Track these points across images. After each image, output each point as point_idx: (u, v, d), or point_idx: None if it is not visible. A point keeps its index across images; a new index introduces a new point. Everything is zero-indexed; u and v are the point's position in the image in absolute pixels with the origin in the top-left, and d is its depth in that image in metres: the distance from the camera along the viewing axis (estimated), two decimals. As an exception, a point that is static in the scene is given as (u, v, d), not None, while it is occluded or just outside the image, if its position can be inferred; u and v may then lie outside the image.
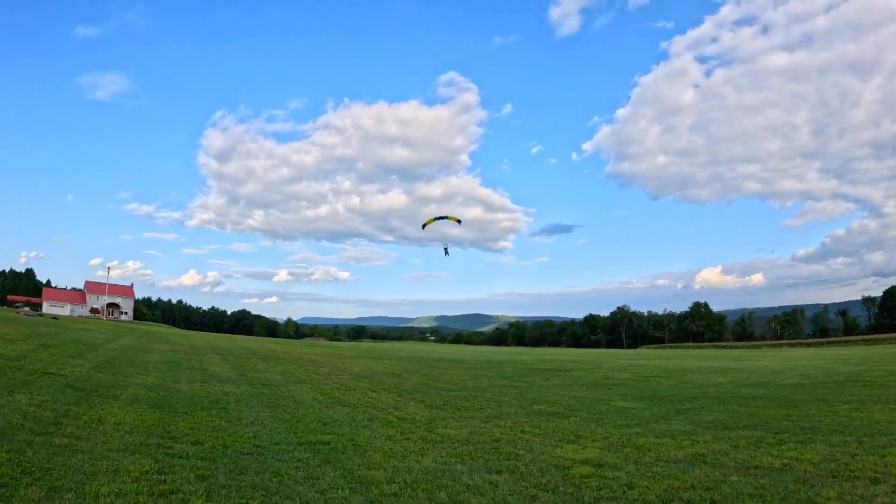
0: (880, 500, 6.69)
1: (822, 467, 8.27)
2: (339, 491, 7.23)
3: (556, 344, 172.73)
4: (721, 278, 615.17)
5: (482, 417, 14.23)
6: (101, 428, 9.90)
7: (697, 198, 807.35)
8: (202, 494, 6.68)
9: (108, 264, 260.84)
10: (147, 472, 7.35)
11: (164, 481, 7.04)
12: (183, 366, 23.57)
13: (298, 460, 8.84)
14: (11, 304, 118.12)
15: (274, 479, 7.63)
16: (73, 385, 14.45)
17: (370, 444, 10.40)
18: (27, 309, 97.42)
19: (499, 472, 8.41)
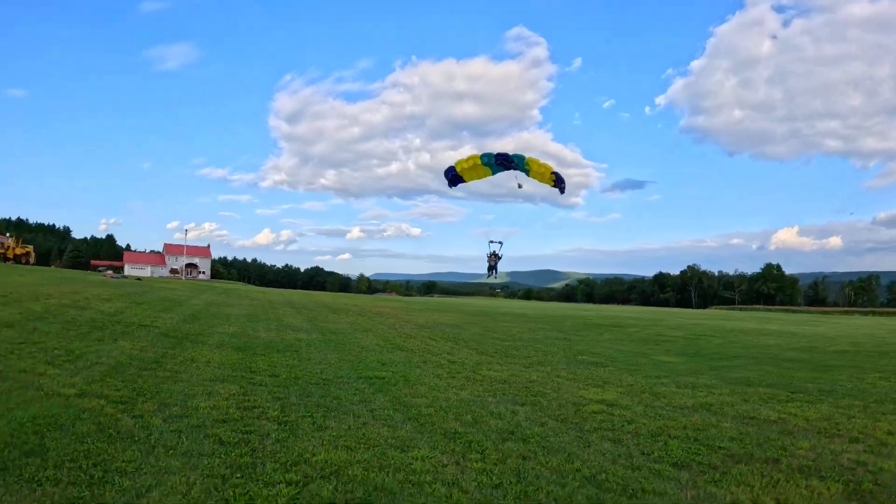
0: (848, 456, 7.19)
1: (814, 424, 8.88)
2: (386, 411, 8.72)
3: (625, 302, 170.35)
4: (797, 240, 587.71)
5: (525, 363, 15.49)
6: (194, 365, 11.78)
7: (774, 155, 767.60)
8: (277, 409, 8.31)
9: (185, 227, 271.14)
10: (234, 394, 9.09)
11: (248, 400, 8.75)
12: (260, 317, 25.66)
13: (356, 389, 10.39)
14: (95, 269, 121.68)
15: (334, 401, 9.19)
16: (167, 334, 16.50)
17: (419, 380, 11.86)
18: (111, 272, 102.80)
19: (522, 405, 9.68)
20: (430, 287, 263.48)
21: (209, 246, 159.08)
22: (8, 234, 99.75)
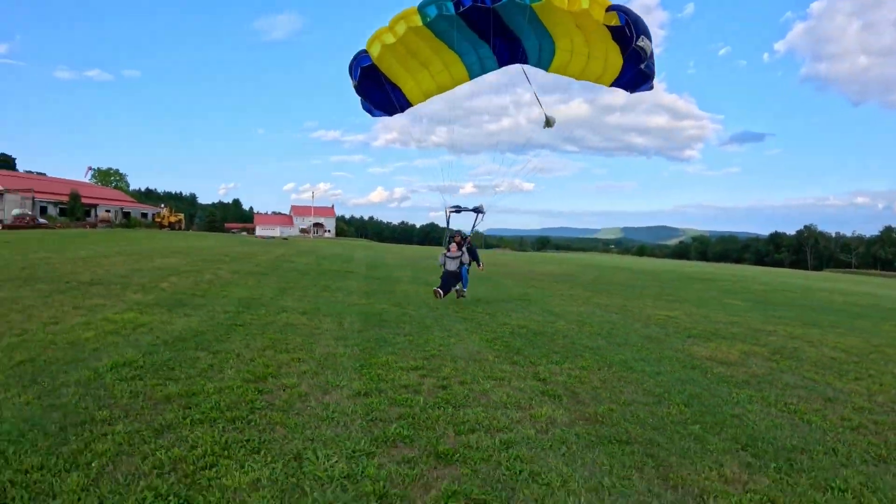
0: (828, 382, 9.09)
1: (823, 352, 11.67)
2: (535, 313, 15.61)
3: (738, 261, 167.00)
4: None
5: (625, 298, 21.83)
6: (347, 284, 19.89)
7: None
8: (481, 310, 15.43)
9: (301, 187, 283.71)
10: (363, 302, 16.24)
11: (372, 304, 15.95)
12: (420, 265, 33.34)
13: (509, 303, 17.43)
14: (229, 231, 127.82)
15: (504, 306, 16.26)
16: (370, 276, 24.35)
17: (550, 302, 18.69)
18: (245, 233, 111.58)
19: (616, 314, 16.29)
20: (543, 242, 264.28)
21: (333, 206, 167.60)
22: (162, 205, 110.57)
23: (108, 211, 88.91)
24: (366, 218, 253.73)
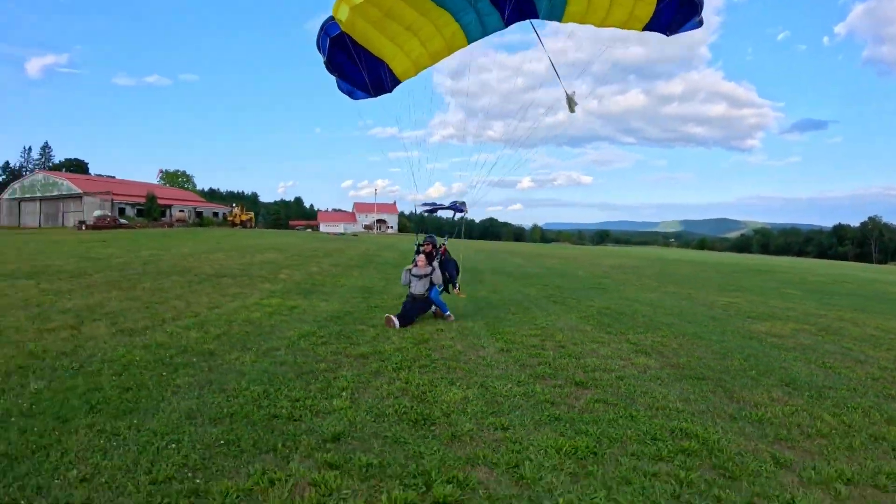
0: (863, 350, 12.75)
1: (865, 331, 14.19)
2: (616, 300, 18.07)
3: (800, 254, 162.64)
4: None
5: (689, 287, 23.95)
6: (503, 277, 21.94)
7: None
8: (568, 295, 17.99)
9: (359, 184, 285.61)
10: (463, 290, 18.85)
11: (470, 293, 18.51)
12: (508, 260, 35.96)
13: (588, 291, 19.93)
14: (293, 228, 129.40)
15: (582, 293, 18.77)
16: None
17: (624, 291, 21.11)
18: (309, 230, 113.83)
19: (684, 300, 18.59)
20: (602, 236, 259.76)
21: (395, 203, 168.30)
22: (234, 204, 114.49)
23: (181, 211, 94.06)
24: (425, 214, 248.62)
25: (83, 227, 63.03)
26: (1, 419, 5.64)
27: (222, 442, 5.32)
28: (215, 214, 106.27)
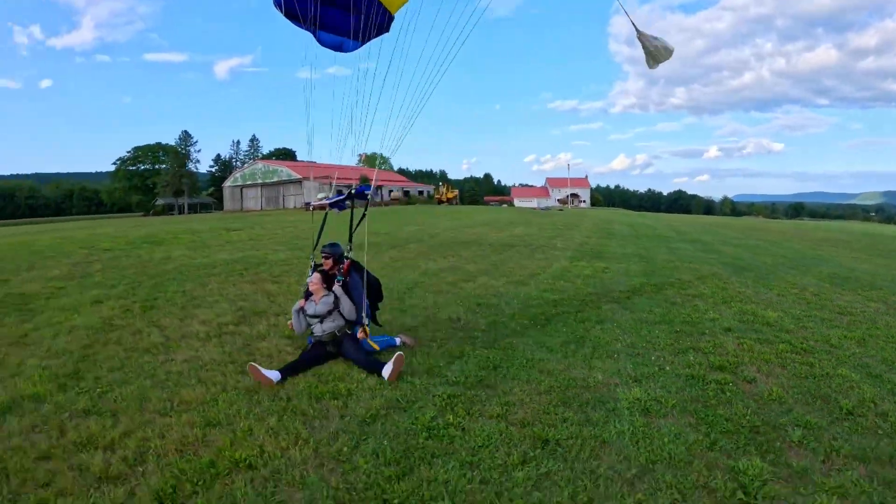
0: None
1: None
2: (838, 269, 21.19)
3: None
4: None
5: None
6: (682, 246, 25.86)
7: None
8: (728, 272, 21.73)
9: (542, 158, 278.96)
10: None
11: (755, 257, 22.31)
12: (730, 234, 38.56)
13: (811, 260, 22.33)
14: (488, 204, 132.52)
15: (803, 263, 22.25)
16: (661, 237, 30.88)
17: (842, 262, 22.98)
18: (504, 205, 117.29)
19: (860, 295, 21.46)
20: (797, 209, 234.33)
21: (587, 176, 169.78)
22: (440, 183, 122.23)
23: (391, 191, 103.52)
24: (612, 187, 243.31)
25: (310, 209, 72.18)
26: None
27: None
28: (420, 193, 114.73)
